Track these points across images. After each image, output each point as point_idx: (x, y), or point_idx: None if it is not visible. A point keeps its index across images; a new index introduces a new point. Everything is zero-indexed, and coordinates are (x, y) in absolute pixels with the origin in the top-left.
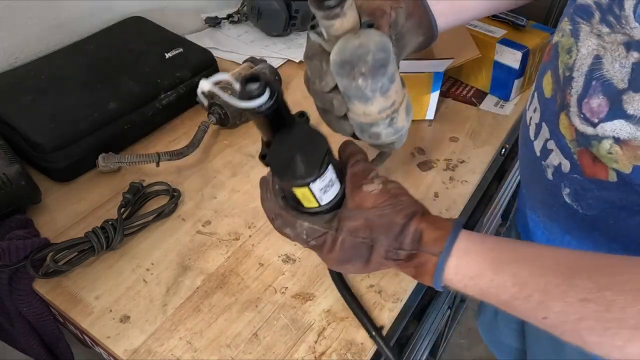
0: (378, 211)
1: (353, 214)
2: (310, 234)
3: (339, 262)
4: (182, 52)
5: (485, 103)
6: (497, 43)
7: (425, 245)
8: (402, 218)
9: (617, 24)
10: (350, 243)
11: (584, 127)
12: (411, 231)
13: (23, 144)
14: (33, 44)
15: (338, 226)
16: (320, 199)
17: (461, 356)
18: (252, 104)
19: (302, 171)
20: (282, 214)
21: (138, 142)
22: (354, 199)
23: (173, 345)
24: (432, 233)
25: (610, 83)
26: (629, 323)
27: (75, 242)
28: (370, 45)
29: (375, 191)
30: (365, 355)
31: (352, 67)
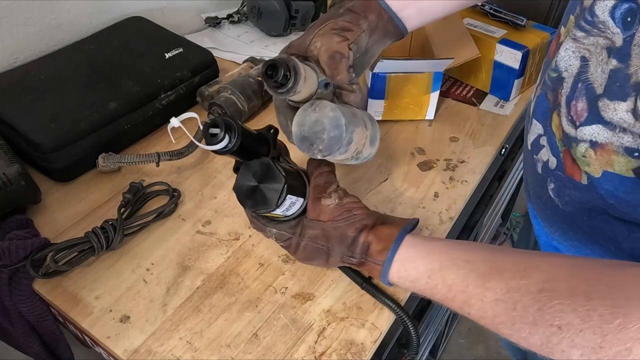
0: (333, 224)
1: (312, 224)
2: (278, 237)
3: (304, 259)
4: (182, 52)
5: (485, 103)
6: (497, 43)
7: (371, 255)
8: (353, 231)
9: (592, 28)
10: (311, 247)
11: (568, 129)
12: (360, 243)
13: (23, 144)
14: (33, 44)
15: (301, 232)
16: (285, 216)
17: (461, 356)
18: (213, 148)
19: (262, 204)
20: (253, 222)
21: (138, 142)
22: (313, 211)
23: (173, 345)
24: (377, 245)
25: (592, 87)
26: (529, 320)
27: (75, 242)
28: (325, 122)
29: (331, 205)
30: (365, 355)
31: (311, 144)
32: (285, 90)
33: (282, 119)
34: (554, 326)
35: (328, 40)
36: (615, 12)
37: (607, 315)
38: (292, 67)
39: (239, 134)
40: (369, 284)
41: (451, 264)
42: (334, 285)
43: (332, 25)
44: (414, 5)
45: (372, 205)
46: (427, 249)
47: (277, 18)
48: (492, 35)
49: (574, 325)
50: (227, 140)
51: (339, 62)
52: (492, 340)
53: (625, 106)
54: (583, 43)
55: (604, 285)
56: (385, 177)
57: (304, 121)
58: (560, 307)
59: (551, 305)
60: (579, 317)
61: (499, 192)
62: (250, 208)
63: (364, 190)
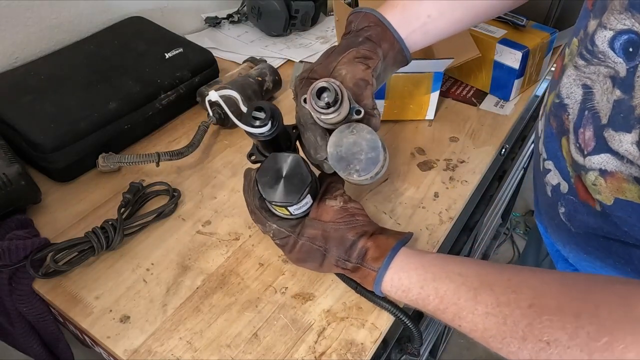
0: (334, 225)
1: (313, 224)
2: (277, 234)
3: (297, 261)
4: (182, 52)
5: (485, 103)
6: (497, 43)
7: (368, 261)
8: (353, 235)
9: (592, 58)
10: (307, 248)
11: (577, 156)
12: (358, 247)
13: (23, 144)
14: (33, 44)
15: (300, 232)
16: (292, 213)
17: (461, 356)
18: (254, 131)
19: (282, 197)
20: (256, 212)
21: (138, 142)
22: (316, 211)
23: (173, 345)
24: (374, 252)
25: (598, 116)
26: (518, 334)
27: (75, 242)
28: (362, 144)
29: (335, 207)
30: (365, 355)
31: (348, 164)
32: (332, 111)
33: (311, 135)
34: (543, 342)
35: (353, 68)
36: (615, 43)
37: (594, 333)
38: (341, 90)
39: (280, 123)
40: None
41: (444, 276)
42: (334, 285)
43: (355, 54)
44: (420, 30)
45: (372, 205)
46: (421, 261)
47: (277, 18)
48: (492, 35)
49: (562, 341)
50: (270, 126)
51: (364, 89)
52: None
53: (630, 138)
54: (584, 72)
55: (592, 303)
56: (385, 177)
57: (341, 142)
58: (549, 322)
59: (540, 320)
60: (567, 334)
61: (499, 192)
62: (268, 197)
63: (364, 190)
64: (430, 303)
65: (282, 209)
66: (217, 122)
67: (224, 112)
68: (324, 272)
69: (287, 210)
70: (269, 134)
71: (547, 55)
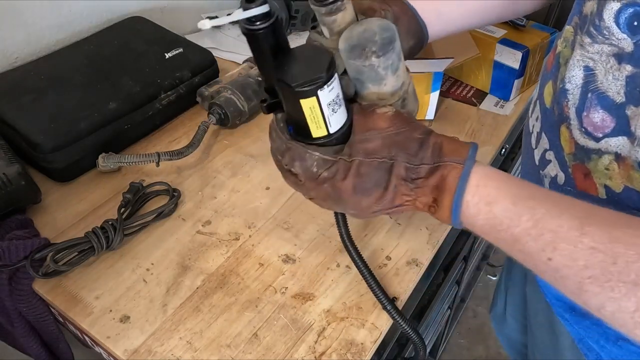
0: (394, 129)
1: (367, 136)
2: (321, 164)
3: (355, 192)
4: (182, 52)
5: (485, 103)
6: (497, 43)
7: (449, 155)
8: (420, 133)
9: (597, 34)
10: (367, 167)
11: (585, 141)
12: (431, 144)
13: (23, 144)
14: (33, 44)
15: (351, 152)
16: (328, 121)
17: (461, 356)
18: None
19: (308, 75)
20: (290, 146)
21: (138, 142)
22: (366, 123)
23: (173, 345)
24: (451, 145)
25: (606, 96)
26: (630, 277)
27: (75, 242)
28: (374, 27)
29: (389, 112)
30: (365, 355)
31: (363, 49)
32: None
33: None
34: None
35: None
36: (620, 17)
37: None
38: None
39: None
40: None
41: (541, 196)
42: (334, 285)
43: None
44: (432, 6)
45: None
46: (507, 175)
47: None
48: (492, 35)
49: None
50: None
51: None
52: (492, 340)
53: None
54: (588, 51)
55: None
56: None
57: (350, 34)
58: None
59: None
60: None
61: None
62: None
63: None
64: (519, 225)
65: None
66: (217, 122)
67: (224, 112)
68: (386, 205)
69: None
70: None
71: (547, 55)
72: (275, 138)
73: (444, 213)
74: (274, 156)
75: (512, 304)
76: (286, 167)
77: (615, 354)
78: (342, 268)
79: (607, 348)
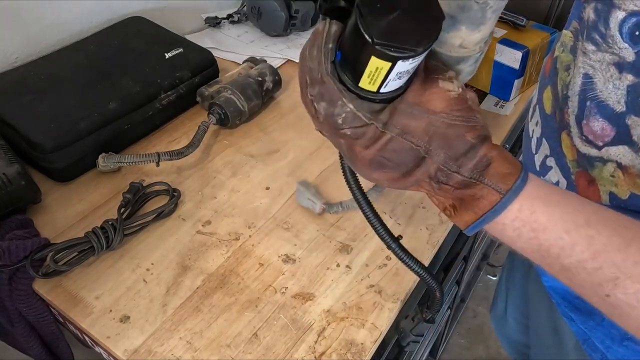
0: (447, 118)
1: (415, 111)
2: (349, 120)
3: (370, 165)
4: (182, 52)
5: (485, 103)
6: (497, 43)
7: (492, 178)
8: (473, 137)
9: (602, 42)
10: (397, 146)
11: (587, 149)
12: (479, 156)
13: (23, 144)
14: (33, 44)
15: (389, 120)
16: (385, 84)
17: (461, 356)
18: None
19: (403, 38)
20: (327, 82)
21: (138, 142)
22: (422, 94)
23: (173, 345)
24: (501, 166)
25: (606, 105)
26: None
27: (75, 242)
28: None
29: (453, 92)
30: (365, 355)
31: None
32: None
33: None
34: None
35: None
36: (623, 27)
37: None
38: None
39: None
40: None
41: (602, 222)
42: (334, 285)
43: None
44: None
45: None
46: (562, 193)
47: (277, 18)
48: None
49: None
50: None
51: None
52: (492, 340)
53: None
54: (590, 58)
55: None
56: None
57: None
58: None
59: None
60: None
61: None
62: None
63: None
64: (572, 255)
65: (373, 81)
66: (217, 122)
67: (224, 112)
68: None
69: (380, 80)
70: None
71: (547, 56)
72: (313, 56)
73: (459, 222)
74: (301, 72)
75: (513, 304)
76: (310, 97)
77: (622, 354)
78: (342, 268)
79: (613, 348)
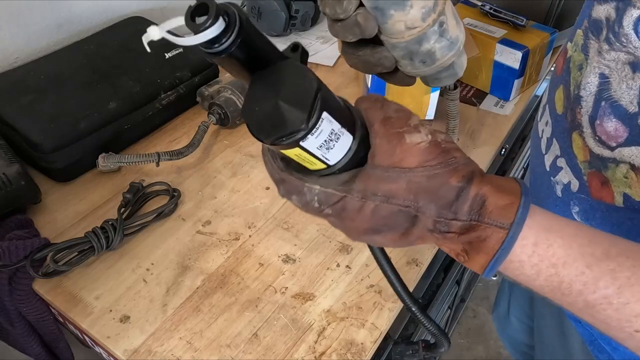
0: (426, 171)
1: (391, 174)
2: (323, 200)
3: (367, 233)
4: (182, 52)
5: (485, 103)
6: (497, 43)
7: (491, 215)
8: (458, 180)
9: (616, 41)
10: (384, 212)
11: (600, 150)
12: (471, 196)
13: (23, 144)
14: (33, 44)
15: (366, 188)
16: (325, 158)
17: (461, 356)
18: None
19: (283, 125)
20: (284, 177)
21: (138, 142)
22: (392, 154)
23: (173, 345)
24: (498, 199)
25: (619, 105)
26: None
27: (75, 242)
28: None
29: (423, 144)
30: (365, 355)
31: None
32: None
33: None
34: None
35: None
36: (638, 25)
37: None
38: None
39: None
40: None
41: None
42: (334, 285)
43: None
44: None
45: None
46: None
47: (277, 18)
48: (492, 35)
49: None
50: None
51: None
52: (492, 340)
53: None
54: (604, 58)
55: None
56: None
57: None
58: None
59: None
60: None
61: None
62: (271, 138)
63: None
64: (597, 292)
65: (313, 163)
66: (217, 122)
67: (224, 112)
68: (404, 245)
69: (316, 159)
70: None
71: (547, 55)
72: (266, 160)
73: (474, 266)
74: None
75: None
76: (282, 196)
77: (629, 355)
78: (342, 268)
79: (619, 349)
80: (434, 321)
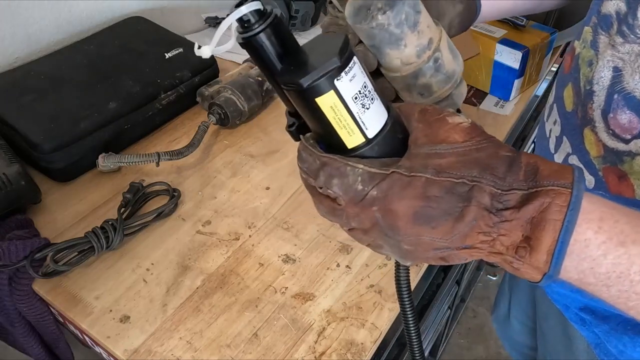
0: (474, 144)
1: (436, 150)
2: (368, 179)
3: (415, 220)
4: (182, 52)
5: (485, 103)
6: (497, 43)
7: (548, 177)
8: (507, 151)
9: (630, 33)
10: (437, 187)
11: (614, 143)
12: (523, 163)
13: (23, 144)
14: (33, 44)
15: (412, 165)
16: (361, 122)
17: (461, 356)
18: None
19: (317, 65)
20: (326, 161)
21: (138, 142)
22: (436, 134)
23: (173, 345)
24: (549, 166)
25: (633, 96)
26: None
27: (75, 242)
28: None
29: (465, 124)
30: (365, 355)
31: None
32: None
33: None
34: None
35: None
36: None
37: None
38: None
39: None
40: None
41: None
42: (334, 285)
43: None
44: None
45: None
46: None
47: None
48: (492, 35)
49: None
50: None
51: None
52: (492, 340)
53: None
54: (619, 50)
55: None
56: None
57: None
58: None
59: None
60: None
61: None
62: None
63: None
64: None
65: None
66: (217, 122)
67: (224, 112)
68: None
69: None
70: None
71: (547, 55)
72: (305, 158)
73: (538, 258)
74: (305, 182)
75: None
76: (321, 189)
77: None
78: (342, 268)
79: (626, 353)
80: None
